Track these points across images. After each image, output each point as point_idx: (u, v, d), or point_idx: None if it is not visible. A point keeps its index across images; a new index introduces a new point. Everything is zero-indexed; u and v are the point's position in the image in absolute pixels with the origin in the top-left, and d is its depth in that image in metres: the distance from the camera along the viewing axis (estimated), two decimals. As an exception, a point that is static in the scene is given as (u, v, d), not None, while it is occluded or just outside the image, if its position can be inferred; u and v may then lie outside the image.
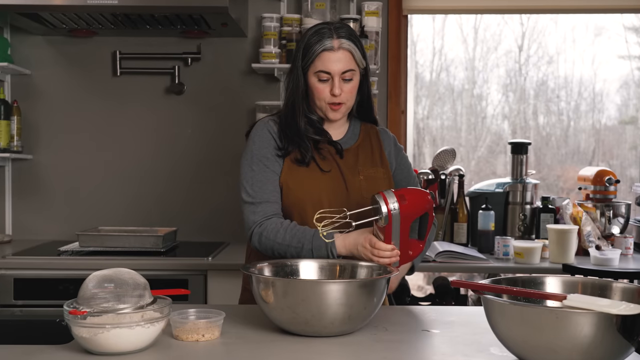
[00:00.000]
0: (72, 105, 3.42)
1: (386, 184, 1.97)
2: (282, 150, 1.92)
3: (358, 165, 1.96)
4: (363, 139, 2.02)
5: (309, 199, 1.89)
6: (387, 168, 2.00)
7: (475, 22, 3.83)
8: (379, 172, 1.98)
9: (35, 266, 2.78)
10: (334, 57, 1.87)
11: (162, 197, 3.41)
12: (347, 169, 1.95)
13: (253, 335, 1.56)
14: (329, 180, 1.92)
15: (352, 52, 1.89)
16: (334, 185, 1.92)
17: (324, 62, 1.87)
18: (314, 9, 3.21)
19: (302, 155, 1.91)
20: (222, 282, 2.74)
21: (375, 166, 1.99)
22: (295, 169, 1.92)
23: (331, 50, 1.86)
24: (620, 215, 3.17)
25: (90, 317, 1.37)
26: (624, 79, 3.77)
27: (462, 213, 3.20)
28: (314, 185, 1.91)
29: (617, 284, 1.42)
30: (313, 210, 1.85)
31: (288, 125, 1.94)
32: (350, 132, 2.02)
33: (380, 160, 2.00)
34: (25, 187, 3.42)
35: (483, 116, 3.87)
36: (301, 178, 1.91)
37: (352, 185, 1.93)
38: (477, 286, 1.45)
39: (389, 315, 1.75)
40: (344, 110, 1.94)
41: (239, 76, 3.39)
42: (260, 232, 1.86)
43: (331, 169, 1.94)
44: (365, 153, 2.00)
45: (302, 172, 1.92)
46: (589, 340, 1.19)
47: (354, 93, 1.93)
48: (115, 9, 2.81)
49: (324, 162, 1.94)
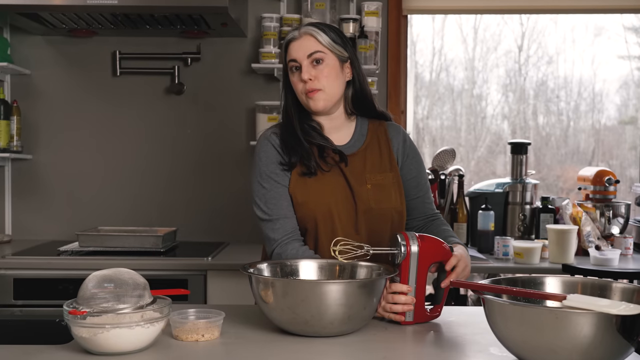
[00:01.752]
0: (72, 105, 3.42)
1: (395, 190, 1.92)
2: (287, 165, 1.89)
3: (365, 173, 1.91)
4: (371, 140, 1.96)
5: (319, 211, 1.86)
6: (396, 172, 1.94)
7: (475, 22, 3.83)
8: (387, 179, 1.92)
9: (35, 266, 2.78)
10: (297, 44, 1.88)
11: (161, 197, 3.41)
12: (353, 177, 1.89)
13: (253, 335, 1.56)
14: (335, 190, 1.88)
15: (315, 36, 1.87)
16: (341, 196, 1.88)
17: (290, 52, 1.89)
18: (314, 9, 3.21)
19: (306, 167, 1.88)
20: (221, 282, 2.74)
21: (384, 172, 1.92)
22: (302, 181, 1.88)
23: (295, 39, 1.89)
24: (620, 216, 3.17)
25: (90, 317, 1.37)
26: (623, 79, 3.77)
27: (462, 213, 3.20)
28: (322, 197, 1.87)
29: (616, 284, 1.42)
30: (324, 223, 1.84)
31: (288, 133, 1.91)
32: (357, 134, 1.97)
33: (390, 164, 1.94)
34: (25, 187, 3.42)
35: (483, 116, 3.88)
36: (308, 191, 1.87)
37: (360, 195, 1.88)
38: (477, 286, 1.45)
39: (389, 315, 1.75)
40: (324, 97, 1.87)
41: (239, 76, 3.39)
42: (279, 254, 1.85)
43: (335, 177, 1.89)
44: (373, 157, 1.94)
45: (309, 183, 1.88)
46: (588, 340, 1.19)
47: (331, 77, 1.87)
48: (115, 9, 2.81)
49: (330, 172, 1.89)
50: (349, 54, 1.92)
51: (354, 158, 1.92)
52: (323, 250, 1.85)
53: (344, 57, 1.91)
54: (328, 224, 1.86)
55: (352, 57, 1.93)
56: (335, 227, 1.86)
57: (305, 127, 1.91)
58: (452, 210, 3.21)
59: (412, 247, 1.64)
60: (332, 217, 1.85)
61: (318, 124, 1.93)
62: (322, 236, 1.86)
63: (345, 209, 1.87)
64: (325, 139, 1.92)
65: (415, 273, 1.65)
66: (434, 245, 1.68)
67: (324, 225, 1.85)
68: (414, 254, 1.64)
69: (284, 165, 1.88)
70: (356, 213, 1.87)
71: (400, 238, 1.66)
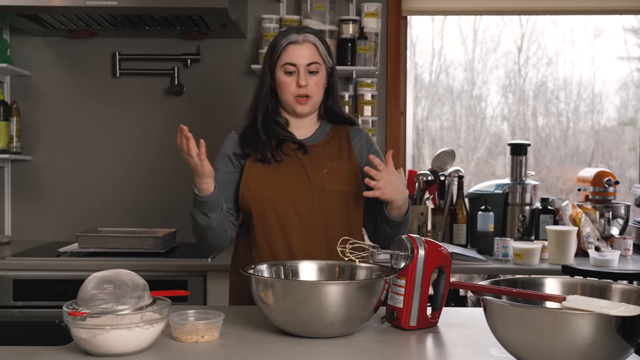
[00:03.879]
0: (72, 106, 3.42)
1: (352, 177, 1.98)
2: (240, 155, 2.00)
3: (323, 160, 1.98)
4: (331, 137, 2.04)
5: (267, 194, 1.94)
6: (354, 162, 2.00)
7: (475, 24, 3.83)
8: (343, 166, 1.98)
9: (34, 267, 2.78)
10: (299, 49, 1.95)
11: (161, 198, 3.41)
12: (310, 163, 1.97)
13: (252, 336, 1.56)
14: (289, 175, 1.96)
15: (317, 46, 1.96)
16: (295, 180, 1.95)
17: (289, 54, 1.95)
18: (313, 10, 3.21)
19: (261, 155, 1.96)
20: (221, 283, 2.74)
21: (341, 159, 1.99)
22: (255, 167, 1.97)
23: (296, 43, 1.95)
24: (620, 217, 3.17)
25: (90, 319, 1.37)
26: (623, 80, 3.78)
27: (462, 214, 3.20)
28: (273, 181, 1.95)
29: (616, 285, 1.42)
30: (271, 206, 1.93)
31: (250, 127, 2.01)
32: (319, 131, 2.05)
33: (348, 155, 2.01)
34: (24, 188, 3.42)
35: (482, 117, 3.88)
36: (261, 175, 1.96)
37: (315, 178, 1.95)
38: (477, 287, 1.45)
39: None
40: (312, 104, 1.98)
41: (238, 77, 3.39)
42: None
43: (292, 164, 1.97)
44: (331, 149, 2.01)
45: (262, 169, 1.97)
46: (588, 341, 1.19)
47: (320, 87, 1.98)
48: (114, 10, 2.81)
49: (286, 158, 1.97)
50: (333, 64, 2.03)
51: (313, 149, 2.01)
52: (271, 233, 1.94)
53: (330, 67, 2.02)
54: (278, 206, 1.93)
55: (334, 68, 2.04)
56: (287, 209, 1.93)
57: (269, 123, 2.00)
58: (452, 211, 3.21)
59: (420, 250, 1.64)
60: (282, 202, 1.93)
61: (284, 120, 2.03)
62: (272, 218, 1.94)
63: (300, 191, 1.94)
64: (288, 132, 2.01)
65: (421, 277, 1.64)
66: (436, 249, 1.68)
67: (273, 207, 1.94)
68: (421, 257, 1.64)
69: (236, 155, 2.00)
70: (311, 195, 1.93)
71: (407, 241, 1.65)
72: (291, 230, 1.93)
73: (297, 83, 1.94)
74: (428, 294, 1.68)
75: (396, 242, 1.68)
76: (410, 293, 1.63)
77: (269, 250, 1.95)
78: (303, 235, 1.93)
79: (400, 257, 1.65)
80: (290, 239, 1.94)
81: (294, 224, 1.93)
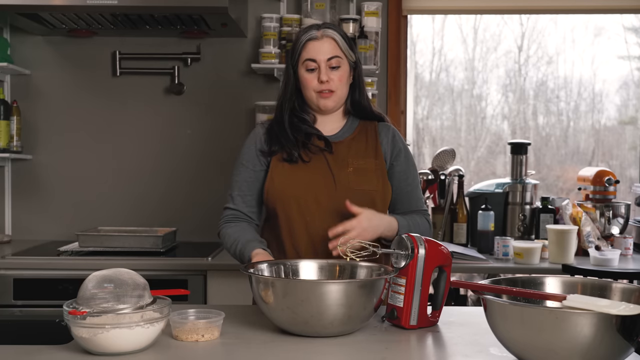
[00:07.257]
0: (72, 105, 3.42)
1: (378, 176, 1.96)
2: (267, 152, 1.98)
3: (348, 158, 1.97)
4: (359, 133, 2.03)
5: (292, 192, 1.93)
6: (381, 160, 1.99)
7: (475, 23, 3.83)
8: (369, 164, 1.97)
9: (34, 266, 2.78)
10: (318, 45, 1.94)
11: (161, 197, 3.41)
12: (335, 162, 1.96)
13: (252, 335, 1.56)
14: (314, 174, 1.94)
15: (337, 40, 1.95)
16: (319, 179, 1.94)
17: (309, 50, 1.94)
18: (314, 9, 3.21)
19: (288, 154, 1.96)
20: (221, 282, 2.74)
21: (367, 158, 1.98)
22: (280, 166, 1.96)
23: (315, 39, 1.94)
24: (620, 216, 3.17)
25: (90, 318, 1.37)
26: (623, 80, 3.77)
27: (462, 213, 3.20)
28: (298, 179, 1.94)
29: (616, 285, 1.42)
30: (297, 205, 1.91)
31: (276, 124, 2.00)
32: (346, 127, 2.04)
33: (375, 152, 1.99)
34: (24, 187, 3.42)
35: (483, 116, 3.88)
36: (286, 174, 1.95)
37: (340, 178, 1.94)
38: (477, 286, 1.45)
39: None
40: (335, 99, 1.97)
41: (239, 76, 3.39)
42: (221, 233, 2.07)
43: (318, 163, 1.95)
44: (358, 146, 2.00)
45: (287, 168, 1.96)
46: (588, 340, 1.19)
47: (343, 82, 1.97)
48: (114, 9, 2.81)
49: (312, 157, 1.96)
50: (356, 58, 2.01)
51: (339, 146, 1.99)
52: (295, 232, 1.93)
53: (353, 62, 2.00)
54: (303, 205, 1.92)
55: (357, 62, 2.01)
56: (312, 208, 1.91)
57: (295, 121, 1.99)
58: (452, 210, 3.21)
59: (420, 249, 1.64)
60: (307, 200, 1.92)
61: (311, 117, 2.02)
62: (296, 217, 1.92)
63: (325, 191, 1.93)
64: (314, 129, 2.00)
65: (421, 276, 1.64)
66: (436, 248, 1.68)
67: (297, 206, 1.92)
68: (421, 256, 1.64)
69: (263, 153, 1.99)
70: (336, 197, 1.91)
71: (408, 240, 1.65)
72: (316, 230, 1.91)
73: (318, 79, 1.94)
74: (428, 293, 1.68)
75: (396, 241, 1.68)
76: (411, 292, 1.63)
77: (293, 250, 1.94)
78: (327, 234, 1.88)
79: (400, 256, 1.65)
80: (314, 239, 1.91)
81: (318, 223, 1.91)
